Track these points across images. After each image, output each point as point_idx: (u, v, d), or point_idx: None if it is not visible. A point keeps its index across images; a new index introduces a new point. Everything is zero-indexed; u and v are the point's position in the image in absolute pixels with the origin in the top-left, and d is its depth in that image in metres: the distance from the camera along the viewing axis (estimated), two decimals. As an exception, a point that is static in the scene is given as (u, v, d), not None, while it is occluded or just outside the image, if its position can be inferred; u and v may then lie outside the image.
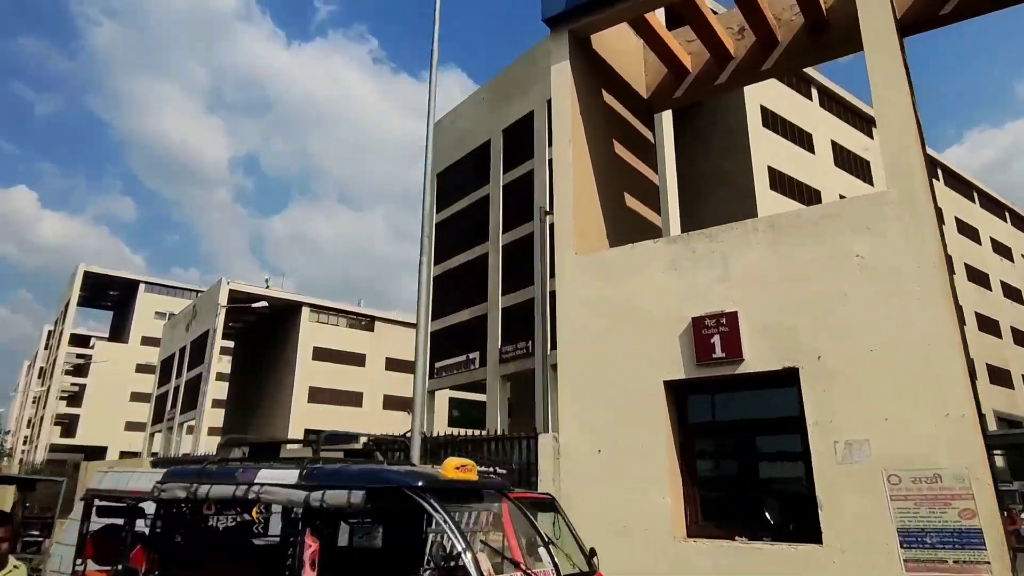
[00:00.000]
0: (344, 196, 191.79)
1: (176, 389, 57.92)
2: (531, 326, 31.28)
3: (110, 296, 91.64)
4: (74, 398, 78.68)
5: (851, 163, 39.42)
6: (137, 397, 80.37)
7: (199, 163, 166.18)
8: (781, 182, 34.28)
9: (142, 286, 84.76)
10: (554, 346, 28.31)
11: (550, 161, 33.46)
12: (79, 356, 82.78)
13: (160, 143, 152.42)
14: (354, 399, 57.39)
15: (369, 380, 58.60)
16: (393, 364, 60.61)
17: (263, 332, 59.70)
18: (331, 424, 54.93)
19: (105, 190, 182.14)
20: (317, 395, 55.58)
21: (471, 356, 34.92)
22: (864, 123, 40.92)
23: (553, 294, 27.55)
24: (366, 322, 60.28)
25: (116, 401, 79.31)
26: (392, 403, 59.77)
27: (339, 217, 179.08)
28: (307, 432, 54.18)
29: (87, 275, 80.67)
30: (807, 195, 35.20)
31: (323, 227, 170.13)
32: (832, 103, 40.25)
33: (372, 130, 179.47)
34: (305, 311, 56.71)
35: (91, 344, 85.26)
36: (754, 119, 34.14)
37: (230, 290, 53.20)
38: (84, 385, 79.06)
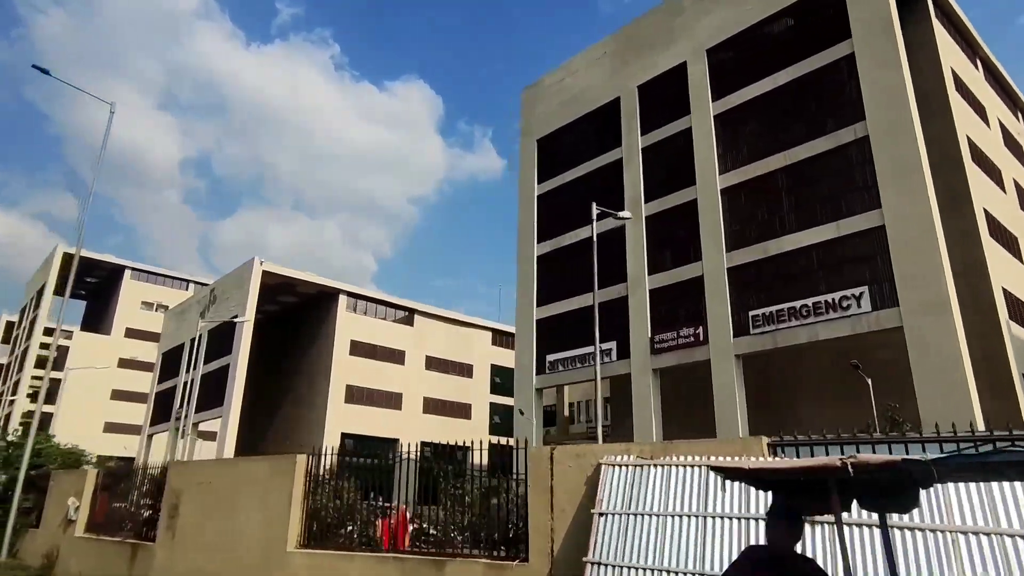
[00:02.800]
0: (299, 203, 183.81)
1: (187, 385, 50.57)
2: (701, 309, 26.19)
3: (86, 284, 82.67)
4: (46, 395, 69.52)
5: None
6: (120, 395, 71.90)
7: (147, 163, 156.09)
8: None
9: (128, 272, 76.37)
10: (738, 333, 23.02)
11: (718, 115, 28.76)
12: (46, 347, 73.71)
13: (108, 140, 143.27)
14: (393, 400, 51.06)
15: (408, 380, 52.33)
16: (434, 363, 54.52)
17: (290, 322, 52.93)
18: (369, 428, 48.66)
19: (43, 185, 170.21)
20: (354, 395, 49.12)
21: (604, 347, 29.48)
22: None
23: (735, 269, 22.14)
24: (404, 315, 54.08)
25: (95, 400, 70.64)
26: (433, 407, 53.62)
27: (294, 224, 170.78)
28: (343, 436, 47.75)
29: (67, 259, 71.99)
30: None
31: (277, 233, 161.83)
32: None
33: (331, 138, 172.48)
34: (342, 299, 50.28)
35: (46, 335, 76.17)
36: None
37: (264, 272, 46.57)
38: (59, 380, 70.10)
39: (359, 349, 50.25)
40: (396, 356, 52.23)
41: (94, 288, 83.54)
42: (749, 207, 26.04)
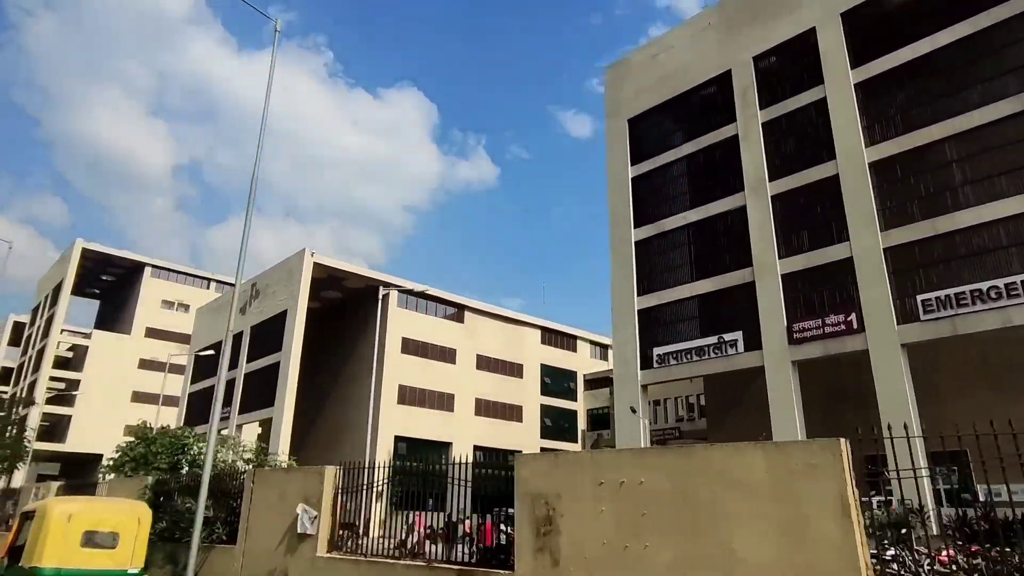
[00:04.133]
0: (291, 210, 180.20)
1: (230, 385, 47.64)
2: (852, 294, 23.73)
3: (101, 282, 79.51)
4: (62, 398, 66.32)
5: None
6: (141, 397, 68.68)
7: (139, 169, 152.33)
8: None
9: (148, 270, 73.26)
10: (904, 320, 20.46)
11: (860, 84, 26.36)
12: (69, 349, 70.62)
13: (96, 146, 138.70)
14: (445, 402, 48.29)
15: (460, 380, 49.58)
16: (485, 363, 51.82)
17: (334, 320, 50.11)
18: (422, 430, 45.91)
19: (31, 190, 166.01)
20: (406, 395, 46.34)
21: (727, 338, 26.97)
22: None
23: (894, 249, 19.49)
24: (454, 311, 51.36)
25: (114, 402, 67.44)
26: (484, 408, 50.89)
27: (285, 231, 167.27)
28: (397, 440, 44.97)
29: (85, 254, 68.95)
30: None
31: (267, 240, 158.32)
32: None
33: (323, 145, 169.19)
34: (393, 294, 47.54)
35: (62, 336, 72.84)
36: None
37: (315, 264, 43.82)
38: (77, 382, 66.90)
39: (410, 347, 47.54)
40: (447, 355, 49.52)
41: (109, 287, 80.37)
42: (907, 181, 23.62)
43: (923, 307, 22.00)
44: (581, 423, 57.64)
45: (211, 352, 50.83)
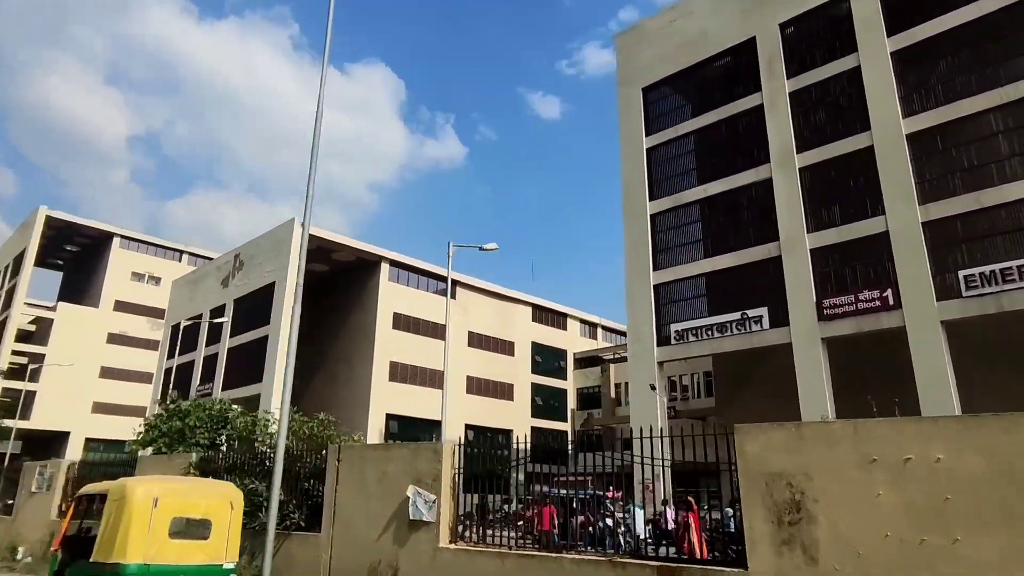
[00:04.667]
0: (254, 186, 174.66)
1: (210, 360, 45.60)
2: (887, 269, 23.03)
3: (65, 252, 75.80)
4: (26, 373, 63.07)
5: None
6: (110, 373, 65.86)
7: (93, 139, 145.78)
8: None
9: (117, 240, 69.93)
10: (944, 296, 19.68)
11: (897, 52, 25.43)
12: (32, 322, 67.19)
13: (49, 114, 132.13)
14: (436, 379, 46.87)
15: (451, 357, 48.17)
16: (476, 340, 50.54)
17: (322, 294, 48.15)
18: (413, 408, 44.59)
19: None
20: (398, 372, 44.89)
21: (751, 314, 26.12)
22: None
23: (934, 224, 18.57)
24: (444, 286, 49.79)
25: (81, 378, 64.45)
26: (476, 387, 49.71)
27: (246, 207, 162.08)
28: (388, 417, 43.59)
29: (49, 223, 65.39)
30: None
31: (229, 215, 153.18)
32: None
33: (288, 121, 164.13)
34: (384, 267, 45.83)
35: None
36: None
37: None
38: (42, 356, 63.70)
39: (402, 323, 46.01)
40: (439, 331, 47.97)
41: (73, 258, 76.67)
42: (948, 153, 22.89)
43: (965, 283, 21.37)
44: (571, 402, 56.95)
45: (192, 324, 48.56)
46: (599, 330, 62.65)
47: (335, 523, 8.42)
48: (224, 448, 14.63)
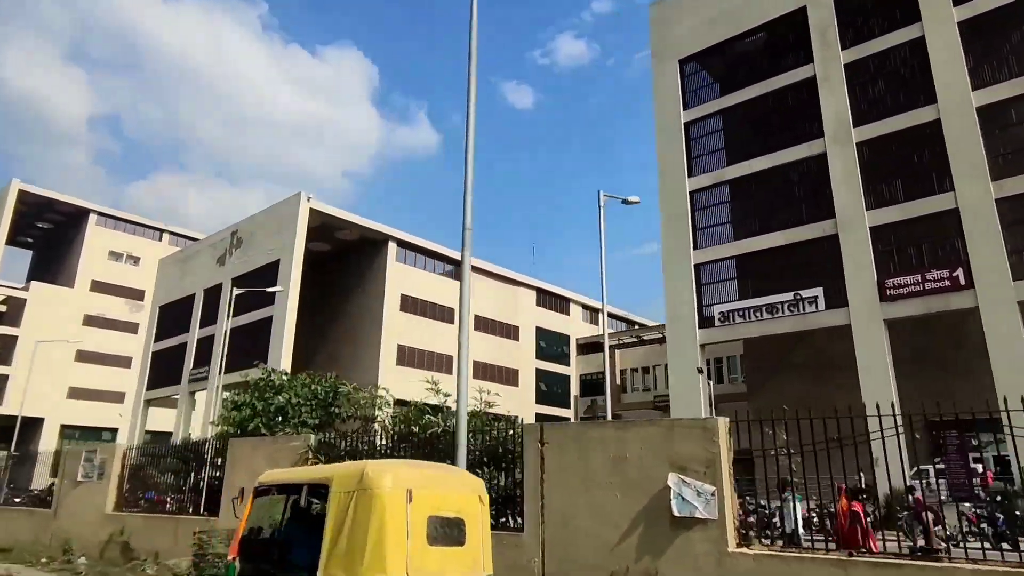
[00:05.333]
0: (222, 170, 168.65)
1: (204, 342, 43.24)
2: (957, 248, 22.14)
3: (37, 230, 71.90)
4: (-2, 356, 59.67)
5: None
6: (87, 357, 62.64)
7: (52, 118, 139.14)
8: None
9: (93, 217, 66.43)
10: (1021, 275, 18.05)
11: (965, 21, 24.39)
12: (2, 302, 63.51)
13: (3, 90, 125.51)
14: (444, 364, 45.25)
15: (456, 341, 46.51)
16: (482, 324, 48.95)
17: (325, 274, 46.05)
18: (421, 395, 42.69)
19: None
20: (405, 356, 43.14)
21: (805, 294, 25.06)
22: None
23: (1008, 200, 17.61)
24: (452, 268, 48.11)
25: (56, 361, 61.13)
26: (481, 372, 48.17)
27: (214, 191, 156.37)
28: (396, 403, 41.72)
29: (22, 197, 61.71)
30: None
31: (195, 199, 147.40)
32: None
33: (257, 104, 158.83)
34: (391, 247, 43.91)
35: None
36: None
37: (310, 210, 39.74)
38: (14, 338, 60.29)
39: (408, 305, 44.19)
40: (446, 314, 46.37)
41: (45, 235, 72.81)
42: (1022, 126, 22.02)
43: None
44: (574, 388, 55.80)
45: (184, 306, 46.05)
46: (600, 316, 61.47)
47: (546, 521, 6.82)
48: (343, 428, 12.78)
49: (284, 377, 15.54)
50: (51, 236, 71.84)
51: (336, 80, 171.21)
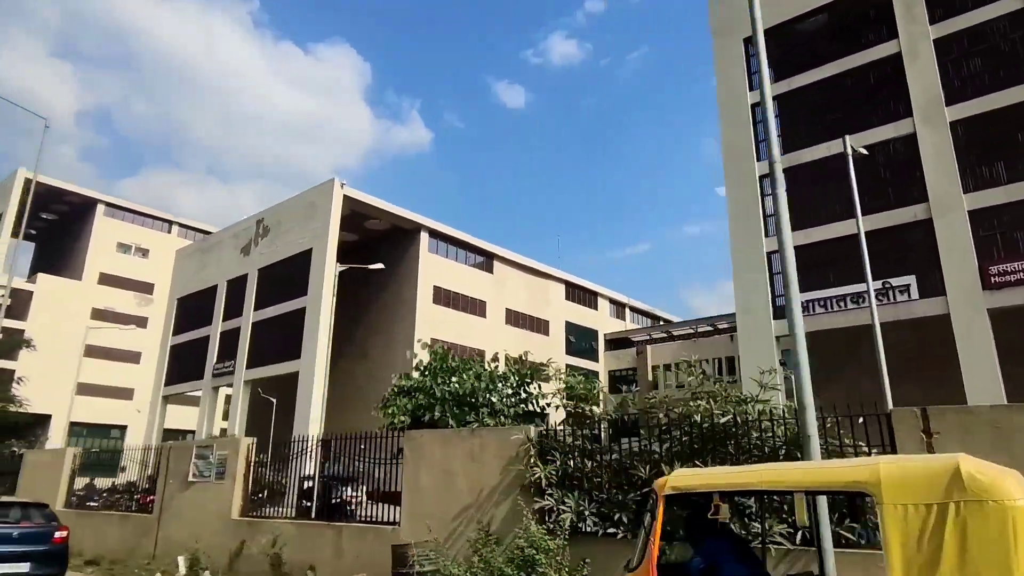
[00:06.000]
0: (213, 167, 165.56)
1: (228, 335, 41.46)
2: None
3: (41, 221, 69.70)
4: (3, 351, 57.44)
5: None
6: (96, 352, 60.57)
7: (40, 112, 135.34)
8: None
9: (101, 208, 64.38)
10: None
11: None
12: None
13: None
14: (476, 359, 43.55)
15: (490, 336, 44.97)
16: (513, 318, 47.35)
17: (359, 262, 44.26)
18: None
19: None
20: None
21: (896, 283, 23.61)
22: None
23: None
24: (484, 260, 46.48)
25: (64, 356, 59.11)
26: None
27: (206, 188, 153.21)
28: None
29: (30, 184, 59.44)
30: None
31: (186, 197, 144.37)
32: None
33: (249, 101, 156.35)
34: (423, 237, 42.25)
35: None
36: None
37: (344, 197, 38.02)
38: (21, 332, 58.12)
39: (441, 297, 42.53)
40: (478, 307, 44.77)
41: (49, 227, 70.61)
42: None
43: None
44: (603, 385, 54.24)
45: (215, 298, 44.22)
46: (627, 311, 60.01)
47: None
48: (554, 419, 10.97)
49: (458, 360, 13.61)
50: (55, 227, 69.70)
51: (328, 77, 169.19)
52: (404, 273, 41.72)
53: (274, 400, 39.24)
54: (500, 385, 12.27)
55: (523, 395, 12.45)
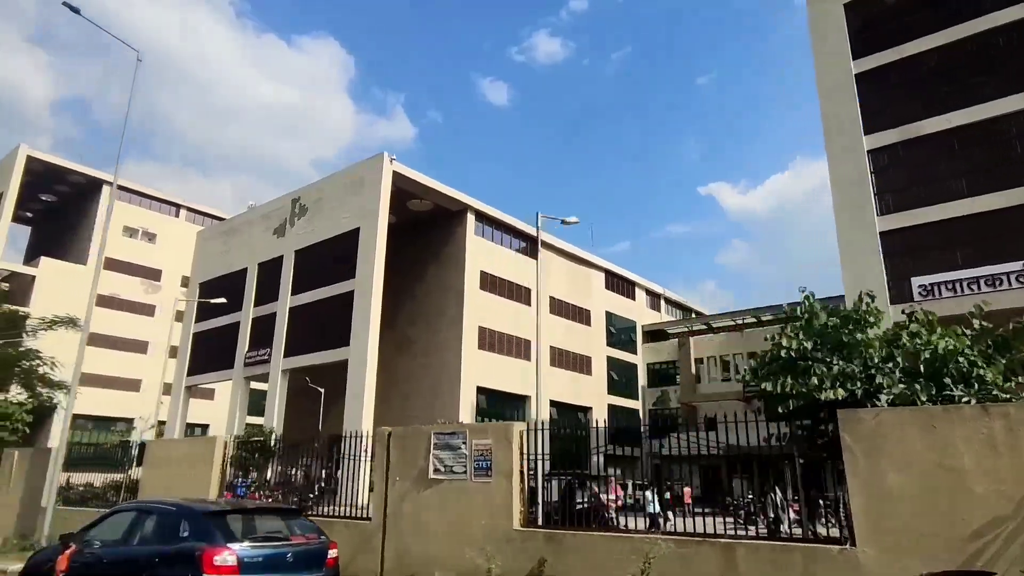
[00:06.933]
0: (191, 160, 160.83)
1: (261, 321, 38.83)
2: None
3: (39, 203, 66.19)
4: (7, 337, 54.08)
5: None
6: (100, 341, 57.38)
7: (13, 101, 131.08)
8: None
9: (106, 189, 61.06)
10: None
11: None
12: (5, 279, 57.92)
13: None
14: (522, 349, 41.44)
15: (534, 325, 42.66)
16: (557, 307, 45.17)
17: (402, 245, 41.85)
18: (502, 382, 39.17)
19: None
20: (486, 339, 39.22)
21: (1036, 262, 21.78)
22: None
23: None
24: (527, 245, 44.25)
25: (69, 344, 55.77)
26: (559, 359, 44.45)
27: (183, 181, 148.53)
28: (479, 391, 38.01)
29: (31, 163, 56.17)
30: None
31: (166, 189, 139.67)
32: None
33: (231, 94, 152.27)
34: (470, 218, 39.92)
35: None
36: None
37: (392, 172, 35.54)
38: (24, 317, 54.73)
39: (488, 284, 40.26)
40: (523, 295, 42.53)
41: (48, 209, 67.11)
42: None
43: None
44: (641, 378, 52.32)
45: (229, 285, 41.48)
46: (662, 302, 58.11)
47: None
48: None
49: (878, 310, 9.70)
50: (55, 210, 66.22)
51: (311, 71, 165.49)
52: (451, 256, 39.39)
53: (322, 391, 36.75)
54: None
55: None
